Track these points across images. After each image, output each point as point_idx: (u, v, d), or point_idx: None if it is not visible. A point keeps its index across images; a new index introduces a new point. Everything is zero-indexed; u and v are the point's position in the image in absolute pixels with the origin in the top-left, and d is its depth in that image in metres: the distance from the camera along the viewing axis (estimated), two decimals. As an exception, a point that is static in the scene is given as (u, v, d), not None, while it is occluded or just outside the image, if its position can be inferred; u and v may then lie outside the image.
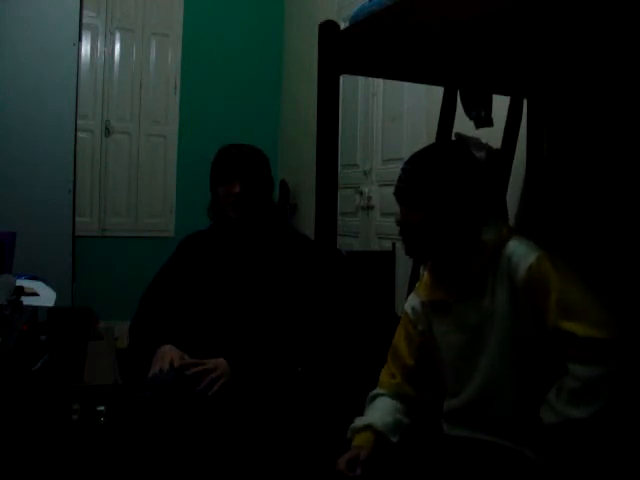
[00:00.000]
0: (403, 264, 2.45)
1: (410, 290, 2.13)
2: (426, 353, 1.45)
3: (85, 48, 4.17)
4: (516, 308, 1.24)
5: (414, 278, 2.14)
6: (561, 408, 1.16)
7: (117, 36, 4.40)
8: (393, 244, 2.67)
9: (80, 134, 3.68)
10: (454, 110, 2.04)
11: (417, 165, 1.35)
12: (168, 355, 1.66)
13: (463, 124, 1.97)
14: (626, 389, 1.13)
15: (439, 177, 1.29)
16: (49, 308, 2.04)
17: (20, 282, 2.10)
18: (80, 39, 3.43)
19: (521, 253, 1.24)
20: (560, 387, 1.18)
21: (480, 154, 1.80)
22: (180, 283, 1.83)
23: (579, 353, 1.14)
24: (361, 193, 3.47)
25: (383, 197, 3.30)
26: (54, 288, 2.43)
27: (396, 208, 1.38)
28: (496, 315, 1.27)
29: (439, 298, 1.38)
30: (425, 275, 1.45)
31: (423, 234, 1.31)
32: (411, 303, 1.49)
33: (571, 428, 1.16)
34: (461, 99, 1.96)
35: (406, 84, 2.79)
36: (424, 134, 2.78)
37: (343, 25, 1.59)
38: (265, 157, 1.88)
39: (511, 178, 1.95)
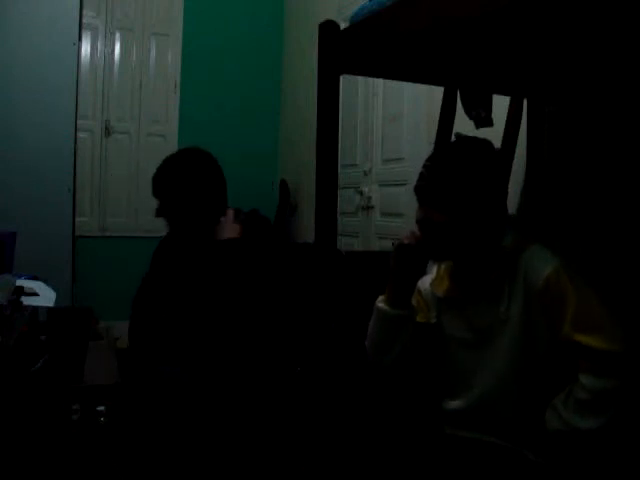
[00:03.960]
0: (403, 264, 2.44)
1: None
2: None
3: (85, 48, 4.17)
4: (530, 317, 1.24)
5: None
6: (568, 417, 1.16)
7: (117, 36, 4.40)
8: (393, 244, 2.66)
9: (80, 134, 3.68)
10: (454, 110, 2.04)
11: (440, 163, 1.32)
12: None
13: (463, 124, 1.97)
14: (635, 403, 1.12)
15: (463, 177, 1.27)
16: (49, 308, 2.04)
17: (20, 282, 2.10)
18: (80, 39, 3.43)
19: (539, 262, 1.23)
20: (568, 395, 1.17)
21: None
22: (159, 289, 1.87)
23: (592, 365, 1.14)
24: (361, 193, 3.47)
25: (383, 197, 3.30)
26: (54, 288, 2.42)
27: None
28: (509, 322, 1.26)
29: (454, 295, 1.38)
30: (441, 269, 1.44)
31: (445, 235, 1.30)
32: (426, 286, 1.47)
33: (577, 438, 1.15)
34: (461, 99, 1.96)
35: (406, 84, 2.79)
36: (424, 134, 2.78)
37: (343, 25, 1.58)
38: (184, 168, 1.85)
39: (511, 178, 1.95)
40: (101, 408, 1.48)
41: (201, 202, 1.80)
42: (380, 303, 1.43)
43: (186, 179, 1.80)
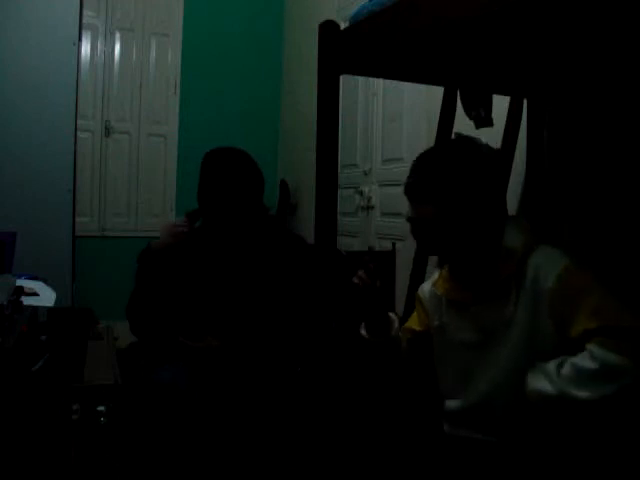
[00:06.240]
0: (403, 264, 2.45)
1: (411, 290, 2.13)
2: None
3: (85, 48, 4.17)
4: (537, 318, 1.23)
5: (414, 278, 2.14)
6: (563, 384, 1.12)
7: (117, 36, 4.40)
8: (393, 244, 2.66)
9: (80, 134, 3.68)
10: (454, 110, 2.04)
11: (425, 160, 1.35)
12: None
13: (463, 124, 1.97)
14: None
15: (447, 169, 1.29)
16: (49, 308, 2.04)
17: (20, 282, 2.10)
18: (80, 39, 3.42)
19: (549, 263, 1.23)
20: (562, 365, 1.15)
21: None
22: (170, 276, 1.86)
23: (606, 340, 1.11)
24: (361, 193, 3.47)
25: (383, 197, 3.30)
26: (54, 288, 2.42)
27: (405, 206, 1.37)
28: (514, 323, 1.26)
29: (457, 297, 1.38)
30: (444, 271, 1.44)
31: (434, 228, 1.31)
32: (426, 293, 1.50)
33: (571, 407, 1.12)
34: (461, 99, 1.96)
35: (406, 84, 2.79)
36: (424, 134, 2.78)
37: (343, 25, 1.58)
38: (249, 159, 1.88)
39: (511, 178, 1.95)
40: (101, 408, 1.48)
41: (256, 199, 1.88)
42: (362, 330, 1.49)
43: (255, 178, 1.88)
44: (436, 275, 1.48)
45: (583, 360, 1.12)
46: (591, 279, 1.20)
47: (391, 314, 1.49)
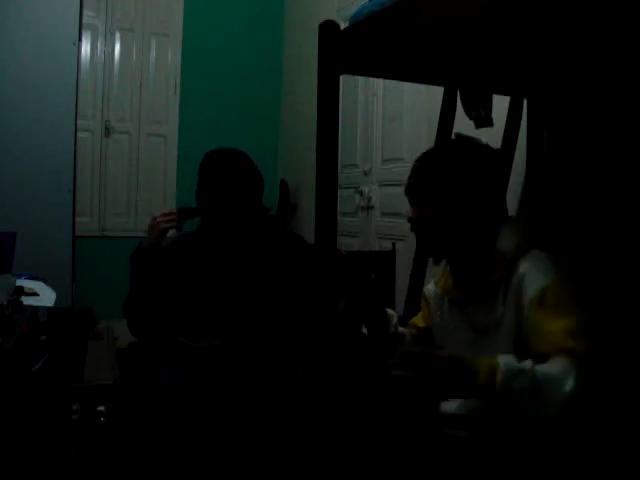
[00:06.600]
0: (403, 264, 2.45)
1: (411, 290, 2.13)
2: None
3: (85, 48, 4.17)
4: (520, 323, 1.23)
5: (414, 278, 2.14)
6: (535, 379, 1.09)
7: (117, 36, 4.40)
8: (393, 244, 2.67)
9: (80, 134, 3.68)
10: (454, 110, 2.04)
11: (426, 160, 1.36)
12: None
13: (463, 124, 1.97)
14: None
15: (448, 170, 1.30)
16: (49, 308, 2.04)
17: (20, 282, 2.10)
18: (80, 39, 3.43)
19: (535, 273, 1.23)
20: (523, 370, 1.12)
21: (480, 154, 1.80)
22: (167, 275, 1.87)
23: (575, 363, 1.09)
24: (361, 193, 3.47)
25: (383, 197, 3.30)
26: (54, 288, 2.43)
27: (405, 206, 1.38)
28: (503, 324, 1.27)
29: (456, 297, 1.40)
30: (447, 269, 1.46)
31: (435, 229, 1.32)
32: (430, 292, 1.52)
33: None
34: (461, 99, 1.96)
35: (406, 84, 2.79)
36: (424, 134, 2.78)
37: (343, 25, 1.58)
38: (248, 160, 1.88)
39: (511, 178, 1.95)
40: (101, 408, 1.48)
41: (255, 200, 1.88)
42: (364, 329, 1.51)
43: (254, 179, 1.88)
44: (440, 274, 1.49)
45: (553, 368, 1.09)
46: (571, 299, 1.19)
47: (389, 310, 1.50)
